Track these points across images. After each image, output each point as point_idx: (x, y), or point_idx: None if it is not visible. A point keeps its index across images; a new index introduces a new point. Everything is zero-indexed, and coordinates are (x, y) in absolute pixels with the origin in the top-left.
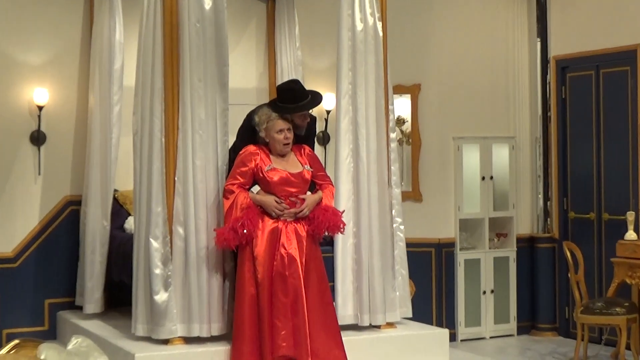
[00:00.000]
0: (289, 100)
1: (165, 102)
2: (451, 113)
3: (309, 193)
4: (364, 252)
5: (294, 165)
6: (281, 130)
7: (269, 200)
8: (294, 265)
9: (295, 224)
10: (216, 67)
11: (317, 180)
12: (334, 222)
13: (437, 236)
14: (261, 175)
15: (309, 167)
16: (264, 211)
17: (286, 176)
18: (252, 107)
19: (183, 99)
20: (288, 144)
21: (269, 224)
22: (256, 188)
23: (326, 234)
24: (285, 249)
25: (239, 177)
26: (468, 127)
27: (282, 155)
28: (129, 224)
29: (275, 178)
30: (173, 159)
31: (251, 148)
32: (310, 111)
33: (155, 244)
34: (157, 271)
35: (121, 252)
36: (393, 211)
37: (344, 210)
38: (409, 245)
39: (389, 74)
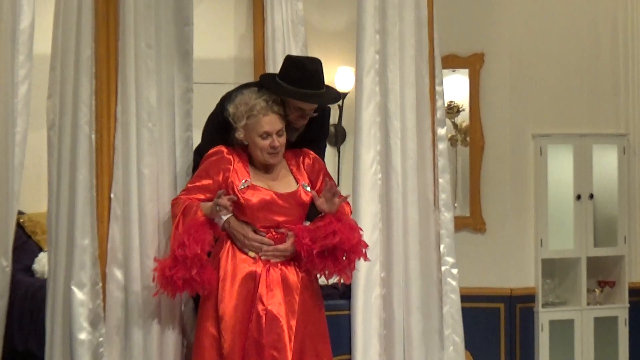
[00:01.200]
0: (297, 80)
1: (96, 79)
2: (530, 97)
3: (307, 223)
4: (397, 309)
5: (284, 180)
6: (267, 134)
7: (241, 225)
8: (276, 328)
9: (283, 267)
10: (174, 27)
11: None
12: (351, 241)
13: (507, 285)
14: (233, 193)
15: (307, 185)
16: (232, 242)
17: (271, 198)
18: (230, 88)
19: (124, 74)
20: (276, 153)
21: (243, 265)
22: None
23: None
24: (263, 304)
25: (195, 191)
26: (556, 120)
27: (268, 166)
28: (41, 263)
29: (254, 200)
30: (108, 165)
31: (222, 151)
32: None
33: (80, 295)
34: (83, 336)
35: (28, 306)
36: (442, 247)
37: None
38: (465, 298)
39: (437, 39)
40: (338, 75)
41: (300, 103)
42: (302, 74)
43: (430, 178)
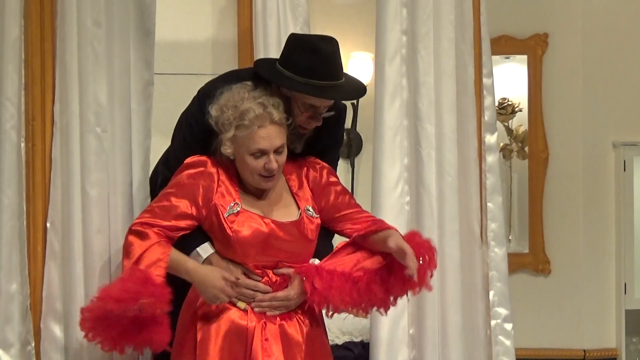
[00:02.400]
0: (307, 69)
1: (26, 69)
2: (610, 95)
3: (316, 261)
4: None
5: (283, 204)
6: (261, 153)
7: (211, 276)
8: None
9: (282, 321)
10: None
11: (340, 212)
12: (428, 252)
13: (580, 345)
14: (217, 221)
15: (314, 211)
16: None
17: (269, 229)
18: (206, 80)
19: (63, 62)
20: (271, 177)
21: (228, 318)
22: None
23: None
24: None
25: (163, 217)
26: None
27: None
28: None
29: (245, 232)
30: (43, 185)
31: (204, 162)
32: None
33: (6, 359)
34: None
35: None
36: (491, 294)
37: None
38: None
39: (485, 15)
40: (352, 64)
41: (313, 99)
42: (315, 60)
43: (476, 202)
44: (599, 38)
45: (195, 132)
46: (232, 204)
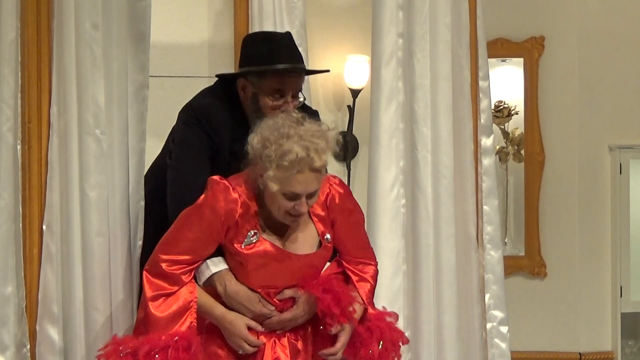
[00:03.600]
0: (266, 56)
1: (23, 71)
2: (606, 97)
3: (327, 264)
4: None
5: (304, 232)
6: (295, 196)
7: (236, 326)
8: None
9: (291, 336)
10: (127, 1)
11: (346, 252)
12: (394, 338)
13: (576, 348)
14: (233, 248)
15: (329, 237)
16: (217, 331)
17: (284, 258)
18: (202, 82)
19: (61, 65)
20: (297, 217)
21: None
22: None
23: None
24: None
25: (185, 253)
26: None
27: None
28: None
29: (260, 264)
30: (39, 187)
31: (221, 185)
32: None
33: None
34: None
35: None
36: (487, 297)
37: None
38: None
39: (481, 18)
40: (348, 67)
41: (280, 82)
42: (270, 46)
43: (472, 205)
44: (595, 41)
45: (201, 137)
46: (252, 233)
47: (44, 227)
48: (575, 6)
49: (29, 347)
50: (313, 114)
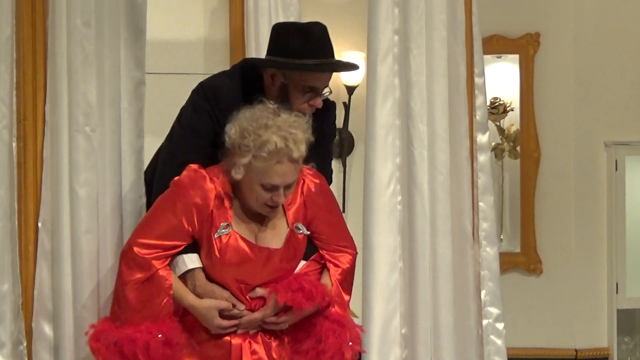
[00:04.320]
0: (300, 51)
1: (18, 69)
2: (602, 94)
3: (303, 262)
4: None
5: (275, 222)
6: (273, 188)
7: (208, 314)
8: None
9: (266, 337)
10: None
11: (324, 246)
12: (342, 355)
13: (572, 345)
14: (206, 239)
15: (303, 227)
16: (195, 320)
17: (255, 254)
18: (198, 79)
19: (54, 62)
20: (275, 207)
21: (210, 337)
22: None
23: None
24: None
25: (158, 237)
26: (636, 124)
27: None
28: None
29: (231, 258)
30: (34, 184)
31: (197, 174)
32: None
33: None
34: None
35: None
36: (483, 294)
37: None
38: None
39: (477, 15)
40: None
41: (313, 79)
42: (307, 40)
43: (468, 201)
44: (590, 37)
45: (205, 136)
46: (224, 224)
47: (40, 224)
48: (570, 3)
49: (25, 344)
50: (332, 106)
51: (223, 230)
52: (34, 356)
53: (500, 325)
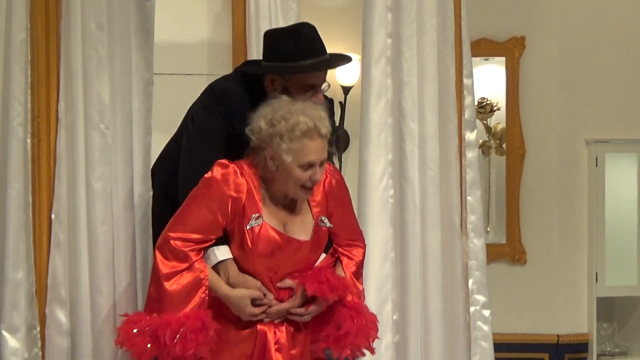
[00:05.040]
0: (294, 53)
1: (32, 69)
2: (584, 95)
3: (323, 255)
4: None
5: (303, 216)
6: (310, 165)
7: (241, 302)
8: None
9: (288, 325)
10: (132, 2)
11: (338, 238)
12: (361, 346)
13: (554, 330)
14: (238, 231)
15: (326, 220)
16: (226, 308)
17: (285, 243)
18: (202, 80)
19: (68, 63)
20: (312, 188)
21: (238, 325)
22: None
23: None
24: None
25: (194, 231)
26: (616, 123)
27: (284, 197)
28: None
29: (263, 248)
30: (48, 179)
31: (228, 170)
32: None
33: (12, 342)
34: None
35: None
36: (470, 282)
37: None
38: (500, 347)
39: (465, 19)
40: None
41: (312, 77)
42: (299, 42)
43: (456, 196)
44: (573, 41)
45: (219, 122)
46: (256, 216)
47: (53, 216)
48: (554, 7)
49: (38, 329)
50: (330, 104)
51: (255, 222)
52: (46, 340)
53: (486, 312)
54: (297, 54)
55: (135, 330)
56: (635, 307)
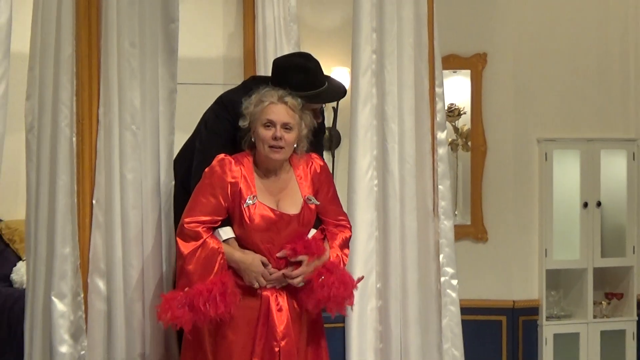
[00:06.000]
0: (301, 84)
1: (77, 80)
2: (535, 100)
3: (313, 231)
4: (394, 322)
5: (292, 195)
6: (270, 124)
7: (254, 263)
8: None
9: (288, 291)
10: (159, 24)
11: (326, 218)
12: (339, 297)
13: (510, 297)
14: (238, 210)
15: (313, 198)
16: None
17: (278, 218)
18: (217, 89)
19: (106, 74)
20: (279, 148)
21: (246, 293)
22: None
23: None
24: (277, 339)
25: (203, 214)
26: (562, 124)
27: (274, 174)
28: (19, 273)
29: (258, 221)
30: (90, 170)
31: (225, 161)
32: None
33: (60, 307)
34: (64, 349)
35: (5, 318)
36: (441, 257)
37: (362, 277)
38: (465, 310)
39: (437, 38)
40: (333, 76)
41: (314, 105)
42: (305, 76)
43: (430, 184)
44: (526, 56)
45: (228, 139)
46: (251, 196)
47: (94, 201)
48: (510, 29)
49: (82, 295)
50: (321, 111)
51: (250, 201)
52: (89, 305)
53: (454, 282)
54: (304, 85)
55: (173, 305)
56: (578, 278)
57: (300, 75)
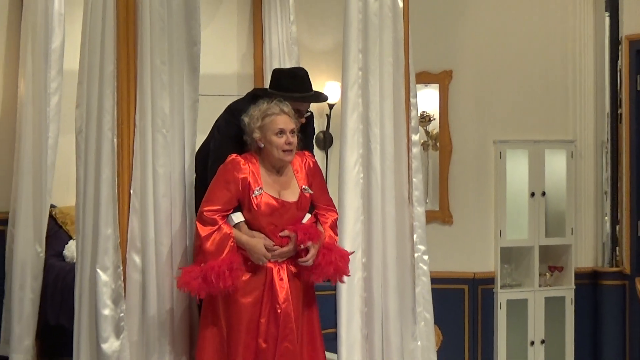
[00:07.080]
0: (291, 87)
1: (118, 91)
2: (492, 109)
3: (308, 216)
4: (376, 289)
5: (291, 186)
6: (282, 132)
7: (258, 246)
8: (289, 323)
9: (287, 264)
10: (185, 46)
11: (318, 204)
12: (340, 268)
13: (471, 269)
14: (247, 199)
15: (308, 188)
16: (246, 258)
17: (280, 205)
18: (232, 100)
19: (142, 87)
20: (290, 151)
21: (254, 265)
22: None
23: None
24: (279, 303)
25: (218, 204)
26: (514, 128)
27: (277, 170)
28: (70, 250)
29: (264, 208)
30: (128, 165)
31: (236, 160)
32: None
33: (103, 277)
34: (107, 312)
35: (59, 287)
36: (415, 236)
37: (353, 252)
38: (435, 280)
39: (412, 58)
40: (326, 89)
41: (299, 104)
42: (294, 80)
43: (405, 177)
44: (484, 73)
45: (235, 143)
46: (258, 188)
47: (131, 191)
48: (472, 50)
49: (121, 268)
50: (311, 116)
51: (257, 192)
52: (127, 276)
53: (425, 257)
54: (292, 88)
55: (191, 276)
56: (526, 254)
57: (289, 80)
